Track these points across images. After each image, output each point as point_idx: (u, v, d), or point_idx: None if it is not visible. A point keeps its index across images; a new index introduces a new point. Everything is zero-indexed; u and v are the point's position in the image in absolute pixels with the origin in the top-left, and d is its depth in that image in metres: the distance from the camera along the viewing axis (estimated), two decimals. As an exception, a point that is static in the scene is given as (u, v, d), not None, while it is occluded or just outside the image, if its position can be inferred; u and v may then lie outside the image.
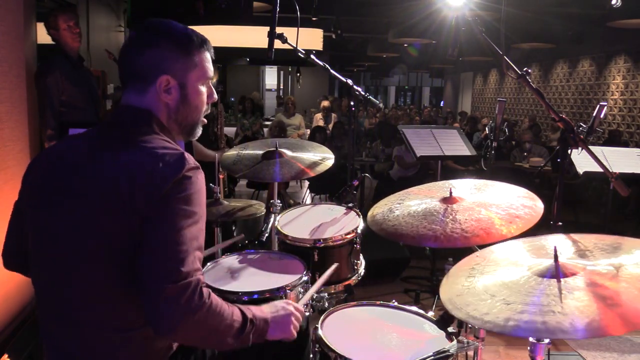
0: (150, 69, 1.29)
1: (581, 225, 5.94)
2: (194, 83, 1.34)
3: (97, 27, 5.88)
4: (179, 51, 1.30)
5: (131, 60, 1.31)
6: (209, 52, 1.37)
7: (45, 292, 1.29)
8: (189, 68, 1.32)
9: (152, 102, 1.31)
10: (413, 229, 1.70)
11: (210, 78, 1.39)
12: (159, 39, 1.29)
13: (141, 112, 1.30)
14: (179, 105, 1.33)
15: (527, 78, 1.91)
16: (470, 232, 1.60)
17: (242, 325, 1.25)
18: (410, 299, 3.91)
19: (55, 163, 1.29)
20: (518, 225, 1.60)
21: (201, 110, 1.39)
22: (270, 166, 2.40)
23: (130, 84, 1.32)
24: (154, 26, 1.32)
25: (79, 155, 1.27)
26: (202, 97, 1.37)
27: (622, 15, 6.29)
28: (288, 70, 17.74)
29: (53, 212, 1.24)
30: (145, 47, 1.29)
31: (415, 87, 29.10)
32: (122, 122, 1.31)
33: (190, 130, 1.40)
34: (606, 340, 3.33)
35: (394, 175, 6.39)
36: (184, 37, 1.31)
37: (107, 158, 1.23)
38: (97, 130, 1.34)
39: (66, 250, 1.22)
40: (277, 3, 2.33)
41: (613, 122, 9.53)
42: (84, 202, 1.20)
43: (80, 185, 1.22)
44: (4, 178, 2.29)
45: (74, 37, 3.37)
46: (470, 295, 1.30)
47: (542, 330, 1.10)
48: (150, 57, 1.29)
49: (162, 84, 1.29)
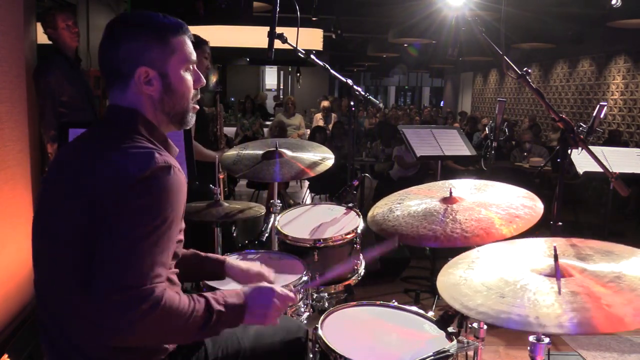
0: (127, 63, 1.25)
1: (581, 225, 5.94)
2: (175, 70, 1.29)
3: (97, 27, 5.88)
4: (154, 39, 1.25)
5: (108, 57, 1.27)
6: (186, 36, 1.32)
7: (40, 290, 1.29)
8: (167, 55, 1.27)
9: (135, 98, 1.28)
10: (413, 229, 1.70)
11: (193, 62, 1.34)
12: (132, 31, 1.25)
13: (124, 112, 1.28)
14: (162, 96, 1.29)
15: (527, 78, 1.91)
16: (470, 232, 1.61)
17: (205, 320, 1.20)
18: (410, 299, 3.90)
19: (54, 167, 1.32)
20: (518, 225, 1.60)
21: (189, 97, 1.34)
22: (270, 166, 2.40)
23: (112, 82, 1.29)
24: (125, 19, 1.30)
25: (71, 158, 1.28)
26: (187, 84, 1.33)
27: (622, 15, 6.29)
28: (288, 70, 17.74)
29: (47, 214, 1.27)
30: (119, 42, 1.25)
31: (415, 87, 29.10)
32: (107, 122, 1.32)
33: (181, 118, 1.35)
34: (606, 340, 3.33)
35: (394, 175, 6.39)
36: (157, 24, 1.27)
37: (85, 157, 1.23)
38: (87, 132, 1.34)
39: (52, 248, 1.23)
40: (277, 3, 2.33)
41: (613, 122, 9.53)
42: (63, 204, 1.21)
43: (63, 188, 1.23)
44: (4, 178, 2.29)
45: (72, 37, 3.35)
46: (467, 286, 1.32)
47: (534, 324, 1.12)
48: (126, 51, 1.24)
49: (140, 76, 1.26)
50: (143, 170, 1.15)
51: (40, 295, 1.29)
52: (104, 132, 1.29)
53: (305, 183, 7.60)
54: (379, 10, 8.79)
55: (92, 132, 1.33)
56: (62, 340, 1.24)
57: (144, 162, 1.17)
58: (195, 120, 2.92)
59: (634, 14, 6.21)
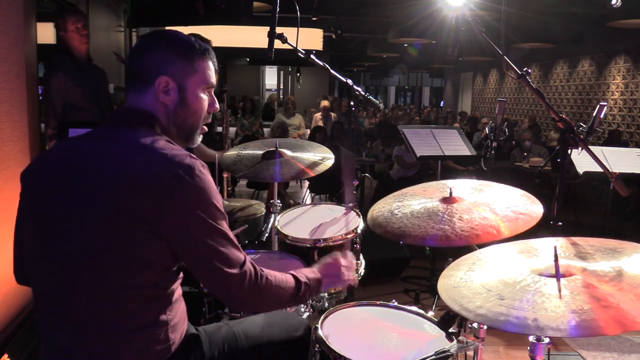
0: (151, 71, 1.32)
1: (581, 225, 5.94)
2: (193, 88, 1.36)
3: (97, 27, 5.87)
4: (180, 56, 1.34)
5: (134, 63, 1.35)
6: (211, 62, 1.40)
7: (46, 293, 1.28)
8: (189, 73, 1.35)
9: (151, 103, 1.33)
10: (421, 230, 1.68)
11: (212, 86, 1.41)
12: (162, 44, 1.35)
13: (141, 113, 1.32)
14: (177, 108, 1.35)
15: (527, 78, 1.91)
16: (471, 232, 1.60)
17: (296, 290, 1.42)
18: (410, 299, 3.90)
19: (58, 166, 1.29)
20: (518, 225, 1.60)
21: (200, 117, 1.40)
22: (270, 166, 2.40)
23: (132, 85, 1.35)
24: (159, 33, 1.39)
25: (82, 157, 1.27)
26: (202, 103, 1.39)
27: (622, 15, 6.29)
28: (288, 70, 17.73)
29: (57, 214, 1.24)
30: (148, 51, 1.34)
31: (415, 87, 29.11)
32: (124, 123, 1.32)
33: (189, 135, 1.41)
34: (606, 340, 3.33)
35: (394, 175, 6.39)
36: (186, 44, 1.36)
37: (109, 160, 1.23)
38: (98, 131, 1.34)
39: (69, 251, 1.22)
40: (277, 3, 2.33)
41: (613, 122, 9.53)
42: (89, 204, 1.21)
43: (85, 188, 1.22)
44: (4, 178, 2.29)
45: (81, 39, 3.38)
46: (467, 288, 1.32)
47: (533, 327, 1.12)
48: (152, 60, 1.33)
49: (160, 84, 1.32)
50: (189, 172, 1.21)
51: (53, 302, 1.27)
52: (127, 134, 1.28)
53: (305, 183, 7.60)
54: (379, 10, 8.78)
55: (108, 133, 1.31)
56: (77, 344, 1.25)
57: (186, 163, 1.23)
58: None
59: (634, 14, 6.20)
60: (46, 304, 1.29)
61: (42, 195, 1.28)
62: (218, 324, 1.61)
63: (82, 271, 1.21)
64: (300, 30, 2.41)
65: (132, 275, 1.21)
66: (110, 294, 1.21)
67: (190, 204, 1.21)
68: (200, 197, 1.23)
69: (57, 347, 1.27)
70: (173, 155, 1.23)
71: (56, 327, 1.27)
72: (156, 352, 1.29)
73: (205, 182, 1.24)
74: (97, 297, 1.22)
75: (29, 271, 1.33)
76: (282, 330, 1.60)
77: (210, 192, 1.25)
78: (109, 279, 1.21)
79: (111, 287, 1.21)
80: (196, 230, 1.23)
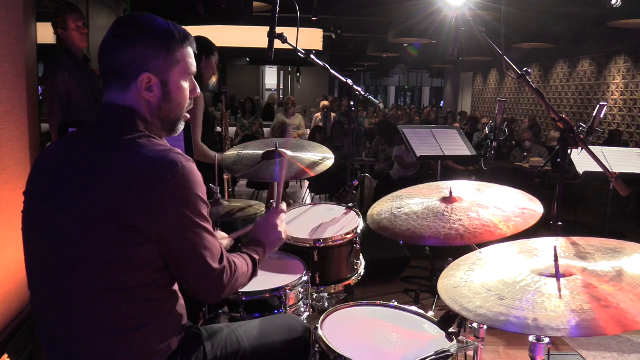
0: (132, 67, 1.27)
1: (581, 225, 5.94)
2: (176, 80, 1.33)
3: (97, 27, 5.87)
4: (161, 48, 1.28)
5: (112, 57, 1.29)
6: (191, 47, 1.36)
7: (44, 292, 1.29)
8: (171, 65, 1.31)
9: (134, 100, 1.30)
10: (433, 230, 1.66)
11: (193, 73, 1.38)
12: (140, 36, 1.27)
13: (124, 110, 1.29)
14: (160, 103, 1.32)
15: (527, 78, 1.91)
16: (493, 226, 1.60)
17: (253, 270, 1.48)
18: (410, 299, 3.90)
19: (47, 168, 1.30)
20: (518, 224, 1.60)
21: (184, 107, 1.38)
22: (270, 166, 2.39)
23: (112, 81, 1.31)
24: (134, 21, 1.30)
25: (69, 159, 1.27)
26: (185, 93, 1.37)
27: (622, 15, 6.29)
28: (288, 70, 17.73)
29: (51, 214, 1.25)
30: (126, 44, 1.27)
31: (415, 87, 29.10)
32: (106, 121, 1.31)
33: (173, 126, 1.39)
34: (606, 340, 3.33)
35: (394, 175, 6.39)
36: (165, 34, 1.30)
37: (95, 161, 1.23)
38: (81, 131, 1.33)
39: (66, 250, 1.22)
40: (277, 3, 2.33)
41: (613, 122, 9.53)
42: (77, 205, 1.21)
43: (72, 190, 1.22)
44: (4, 178, 2.29)
45: (81, 38, 3.37)
46: (467, 288, 1.32)
47: (533, 327, 1.12)
48: (131, 55, 1.27)
49: (143, 81, 1.28)
50: (174, 170, 1.21)
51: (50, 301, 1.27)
52: (109, 133, 1.28)
53: (305, 183, 7.60)
54: (379, 10, 8.78)
55: (91, 133, 1.31)
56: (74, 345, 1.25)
57: (170, 161, 1.22)
58: (203, 121, 2.90)
59: (634, 14, 6.21)
60: (43, 302, 1.29)
61: (32, 197, 1.30)
62: (219, 325, 1.61)
63: (76, 271, 1.21)
64: (300, 30, 2.41)
65: (127, 275, 1.21)
66: (106, 294, 1.21)
67: (174, 199, 1.21)
68: (185, 191, 1.22)
69: (55, 344, 1.27)
70: (156, 153, 1.23)
71: (54, 325, 1.27)
72: (156, 350, 1.29)
73: (188, 175, 1.23)
74: (93, 297, 1.21)
75: (27, 268, 1.33)
76: (282, 331, 1.60)
77: (194, 185, 1.25)
78: (103, 279, 1.20)
79: (106, 287, 1.21)
80: (182, 225, 1.23)
